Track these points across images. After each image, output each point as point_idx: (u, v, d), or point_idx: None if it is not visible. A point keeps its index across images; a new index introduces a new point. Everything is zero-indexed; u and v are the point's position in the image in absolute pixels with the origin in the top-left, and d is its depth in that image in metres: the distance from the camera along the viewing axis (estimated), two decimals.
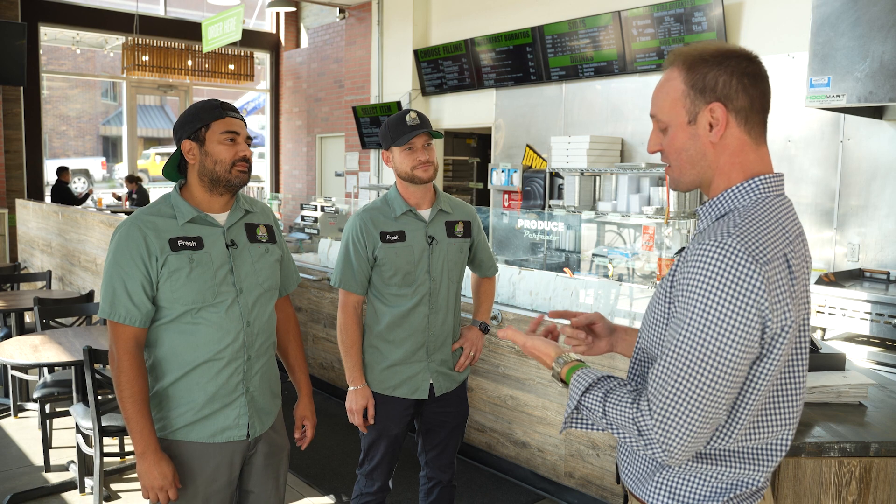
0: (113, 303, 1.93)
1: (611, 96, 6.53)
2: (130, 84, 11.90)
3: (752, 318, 1.18)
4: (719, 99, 1.29)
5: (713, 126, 1.30)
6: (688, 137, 1.33)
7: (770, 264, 1.19)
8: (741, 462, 1.32)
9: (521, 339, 1.54)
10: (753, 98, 1.30)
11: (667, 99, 1.34)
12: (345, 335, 2.51)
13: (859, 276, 4.54)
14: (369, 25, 9.33)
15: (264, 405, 2.12)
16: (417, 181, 2.45)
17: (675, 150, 1.35)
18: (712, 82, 1.28)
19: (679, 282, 1.27)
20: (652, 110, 1.38)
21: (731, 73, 1.28)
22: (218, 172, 1.98)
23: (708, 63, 1.29)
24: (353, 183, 10.04)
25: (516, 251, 5.96)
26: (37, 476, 3.77)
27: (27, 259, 9.01)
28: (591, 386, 1.35)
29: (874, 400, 2.01)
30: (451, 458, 2.69)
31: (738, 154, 1.32)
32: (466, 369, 2.68)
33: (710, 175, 1.34)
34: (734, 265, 1.18)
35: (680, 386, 1.21)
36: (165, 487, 1.94)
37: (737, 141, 1.31)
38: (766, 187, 1.31)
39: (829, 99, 3.78)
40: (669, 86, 1.33)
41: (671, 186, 1.44)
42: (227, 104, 2.04)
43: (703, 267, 1.20)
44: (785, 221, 1.29)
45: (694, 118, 1.31)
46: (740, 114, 1.30)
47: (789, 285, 1.22)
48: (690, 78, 1.30)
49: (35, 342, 3.69)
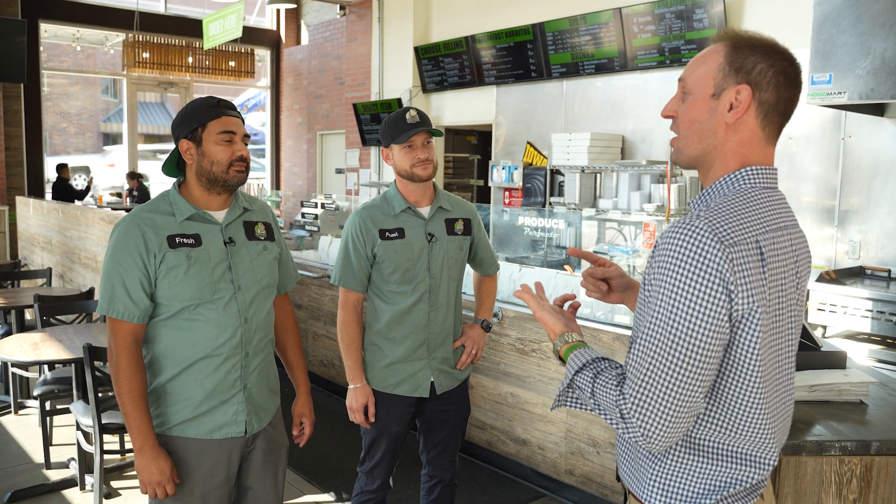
0: (111, 299, 1.94)
1: (611, 93, 6.52)
2: (131, 81, 11.89)
3: (718, 292, 1.19)
4: (750, 83, 1.29)
5: (733, 106, 1.30)
6: (705, 110, 1.33)
7: (736, 247, 1.20)
8: (734, 457, 1.31)
9: (534, 305, 1.54)
10: (781, 98, 1.30)
11: (701, 66, 1.34)
12: (345, 333, 2.51)
13: (860, 273, 4.54)
14: (370, 22, 9.31)
15: (262, 402, 2.12)
16: (417, 179, 2.45)
17: (689, 118, 1.35)
18: (750, 66, 1.29)
19: (651, 266, 1.28)
20: (682, 74, 1.38)
21: (771, 66, 1.29)
22: (215, 173, 1.98)
23: (754, 49, 1.30)
24: (354, 180, 10.04)
25: (517, 248, 5.96)
26: (37, 473, 3.77)
27: (27, 256, 9.02)
28: (585, 366, 1.37)
29: (875, 398, 2.00)
30: (453, 457, 2.69)
31: (746, 144, 1.32)
32: (468, 367, 2.67)
33: (712, 157, 1.34)
34: (698, 245, 1.19)
35: (653, 368, 1.22)
36: (163, 482, 1.95)
37: (749, 131, 1.31)
38: (751, 178, 1.31)
39: (831, 96, 3.77)
40: (709, 56, 1.34)
41: (672, 158, 1.45)
42: (224, 102, 2.02)
43: (669, 249, 1.22)
44: (765, 212, 1.29)
45: (719, 93, 1.31)
46: (762, 106, 1.30)
47: (759, 271, 1.22)
48: (732, 55, 1.31)
49: (35, 339, 3.69)
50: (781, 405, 1.34)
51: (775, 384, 1.32)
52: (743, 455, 1.31)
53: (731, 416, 1.28)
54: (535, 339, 3.61)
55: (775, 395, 1.32)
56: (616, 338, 3.21)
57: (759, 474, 1.33)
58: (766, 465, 1.33)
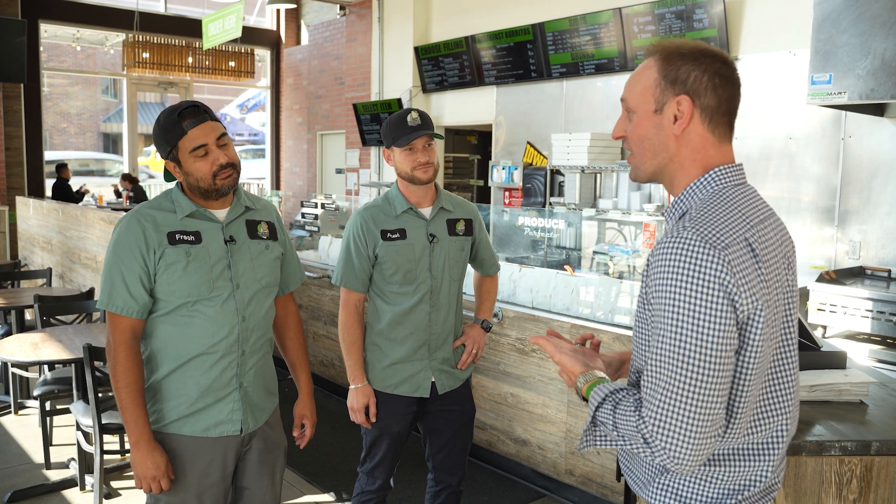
0: (111, 294, 1.95)
1: (612, 93, 6.52)
2: (131, 81, 11.89)
3: (721, 301, 1.18)
4: (688, 93, 1.31)
5: (677, 118, 1.32)
6: (651, 126, 1.35)
7: (729, 248, 1.20)
8: (743, 460, 1.31)
9: (551, 349, 1.50)
10: (721, 99, 1.32)
11: (638, 85, 1.37)
12: (346, 333, 2.51)
13: (860, 273, 4.53)
14: (370, 22, 9.31)
15: (258, 401, 2.12)
16: (417, 182, 2.45)
17: (639, 136, 1.37)
18: (684, 75, 1.31)
19: (649, 286, 1.28)
20: (623, 94, 1.40)
21: (704, 71, 1.31)
22: (203, 187, 1.98)
23: (684, 57, 1.32)
24: (354, 180, 10.04)
25: (517, 248, 5.96)
26: (37, 473, 3.77)
27: (27, 256, 9.02)
28: (605, 399, 1.33)
29: (875, 398, 2.00)
30: (460, 460, 2.66)
31: (699, 150, 1.33)
32: (469, 367, 2.67)
33: (670, 169, 1.36)
34: (692, 255, 1.19)
35: (670, 388, 1.20)
36: (158, 477, 1.96)
37: (699, 137, 1.33)
38: (720, 179, 1.32)
39: (831, 96, 3.77)
40: (644, 73, 1.36)
41: (631, 176, 1.44)
42: (186, 111, 1.94)
43: (664, 265, 1.22)
44: (745, 208, 1.29)
45: (661, 108, 1.33)
46: (706, 111, 1.32)
47: (755, 268, 1.23)
48: (665, 68, 1.32)
49: (35, 340, 3.69)
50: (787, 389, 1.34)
51: (783, 373, 1.32)
52: (753, 450, 1.31)
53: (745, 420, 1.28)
54: None
55: (782, 387, 1.32)
56: (616, 338, 3.21)
57: (771, 471, 1.32)
58: (775, 455, 1.32)
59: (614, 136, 1.43)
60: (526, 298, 3.95)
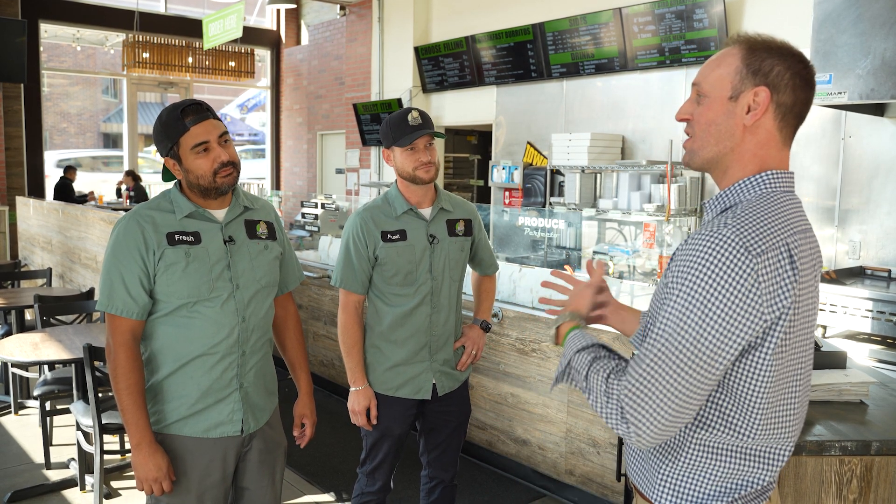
0: (111, 295, 1.95)
1: (612, 93, 6.52)
2: (131, 81, 11.89)
3: (737, 309, 1.18)
4: (768, 85, 1.29)
5: (751, 109, 1.30)
6: (723, 112, 1.33)
7: (764, 255, 1.20)
8: (749, 460, 1.31)
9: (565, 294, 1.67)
10: (798, 100, 1.31)
11: (717, 70, 1.34)
12: (346, 336, 2.50)
13: (860, 273, 4.53)
14: (370, 22, 9.31)
15: (259, 402, 2.12)
16: (419, 182, 2.43)
17: (706, 121, 1.35)
18: (768, 68, 1.29)
19: (672, 270, 1.28)
20: (696, 78, 1.37)
21: (788, 68, 1.29)
22: (203, 185, 1.98)
23: (770, 51, 1.30)
24: (354, 180, 10.04)
25: (517, 248, 5.96)
26: (37, 473, 3.77)
27: (27, 256, 9.02)
28: (585, 348, 1.39)
29: (875, 398, 2.00)
30: (454, 458, 2.68)
31: (764, 146, 1.32)
32: (468, 368, 2.67)
33: (729, 159, 1.34)
34: (726, 256, 1.19)
35: (657, 367, 1.21)
36: (159, 479, 1.95)
37: (766, 133, 1.32)
38: (772, 182, 1.31)
39: (831, 96, 3.77)
40: (724, 59, 1.34)
41: (684, 160, 1.42)
42: (189, 108, 1.95)
43: (696, 256, 1.22)
44: (790, 215, 1.28)
45: (736, 95, 1.31)
46: (780, 108, 1.30)
47: (791, 274, 1.22)
48: (748, 57, 1.31)
49: (35, 340, 3.69)
50: (801, 402, 1.34)
51: (796, 382, 1.31)
52: (758, 453, 1.31)
53: (748, 420, 1.28)
54: (535, 339, 3.61)
55: (794, 393, 1.32)
56: (616, 337, 3.21)
57: (771, 474, 1.33)
58: (780, 461, 1.33)
59: (678, 117, 1.40)
60: (526, 298, 3.95)
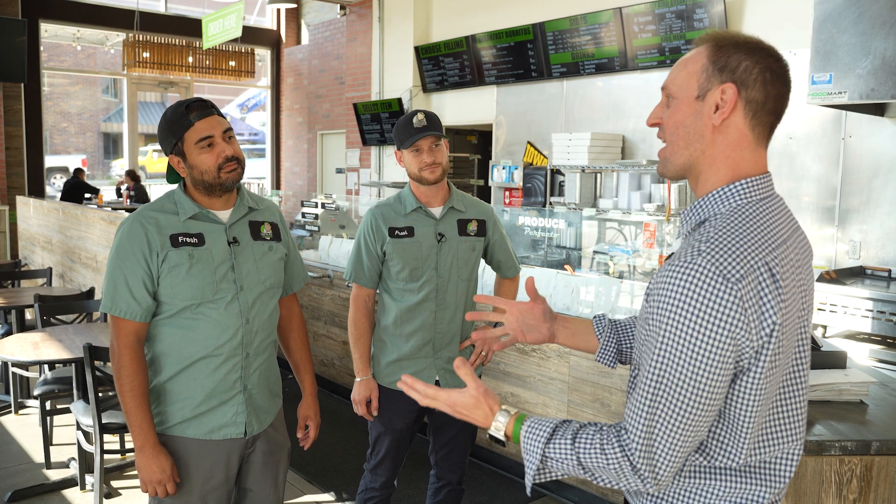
0: (114, 297, 1.94)
1: (612, 93, 6.52)
2: (131, 81, 11.89)
3: (725, 340, 1.14)
4: (735, 82, 1.24)
5: (719, 107, 1.25)
6: (690, 112, 1.28)
7: (744, 279, 1.14)
8: (745, 479, 1.26)
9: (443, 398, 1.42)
10: (769, 95, 1.25)
11: (683, 71, 1.29)
12: (354, 327, 2.58)
13: (860, 273, 4.53)
14: (370, 22, 9.31)
15: (262, 403, 2.12)
16: (425, 182, 2.51)
17: (674, 123, 1.30)
18: (734, 64, 1.24)
19: (650, 304, 1.23)
20: (665, 81, 1.33)
21: (756, 63, 1.24)
22: (207, 180, 1.98)
23: (738, 47, 1.25)
24: (354, 180, 10.04)
25: (517, 248, 5.95)
26: (37, 473, 3.77)
27: (28, 256, 9.02)
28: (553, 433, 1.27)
29: (875, 398, 2.00)
30: (461, 459, 2.69)
31: (735, 147, 1.26)
32: (477, 368, 2.67)
33: (701, 163, 1.29)
34: (705, 288, 1.13)
35: (657, 416, 1.17)
36: (163, 481, 1.95)
37: (737, 132, 1.26)
38: (748, 192, 1.25)
39: (831, 96, 3.77)
40: (692, 59, 1.29)
41: (659, 170, 1.38)
42: (193, 104, 1.98)
43: (673, 290, 1.16)
44: (768, 226, 1.23)
45: (703, 94, 1.26)
46: (750, 105, 1.25)
47: (774, 293, 1.17)
48: (715, 55, 1.26)
49: (35, 339, 3.69)
50: (797, 417, 1.29)
51: (791, 396, 1.27)
52: (755, 471, 1.26)
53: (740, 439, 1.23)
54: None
55: (791, 408, 1.28)
56: None
57: (773, 493, 1.27)
58: (781, 479, 1.28)
59: (649, 122, 1.35)
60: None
